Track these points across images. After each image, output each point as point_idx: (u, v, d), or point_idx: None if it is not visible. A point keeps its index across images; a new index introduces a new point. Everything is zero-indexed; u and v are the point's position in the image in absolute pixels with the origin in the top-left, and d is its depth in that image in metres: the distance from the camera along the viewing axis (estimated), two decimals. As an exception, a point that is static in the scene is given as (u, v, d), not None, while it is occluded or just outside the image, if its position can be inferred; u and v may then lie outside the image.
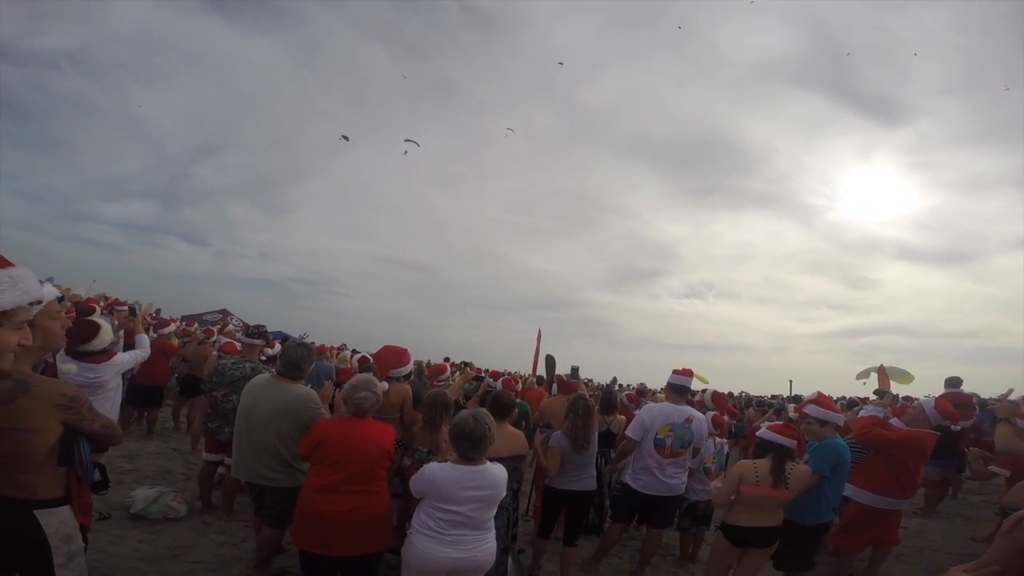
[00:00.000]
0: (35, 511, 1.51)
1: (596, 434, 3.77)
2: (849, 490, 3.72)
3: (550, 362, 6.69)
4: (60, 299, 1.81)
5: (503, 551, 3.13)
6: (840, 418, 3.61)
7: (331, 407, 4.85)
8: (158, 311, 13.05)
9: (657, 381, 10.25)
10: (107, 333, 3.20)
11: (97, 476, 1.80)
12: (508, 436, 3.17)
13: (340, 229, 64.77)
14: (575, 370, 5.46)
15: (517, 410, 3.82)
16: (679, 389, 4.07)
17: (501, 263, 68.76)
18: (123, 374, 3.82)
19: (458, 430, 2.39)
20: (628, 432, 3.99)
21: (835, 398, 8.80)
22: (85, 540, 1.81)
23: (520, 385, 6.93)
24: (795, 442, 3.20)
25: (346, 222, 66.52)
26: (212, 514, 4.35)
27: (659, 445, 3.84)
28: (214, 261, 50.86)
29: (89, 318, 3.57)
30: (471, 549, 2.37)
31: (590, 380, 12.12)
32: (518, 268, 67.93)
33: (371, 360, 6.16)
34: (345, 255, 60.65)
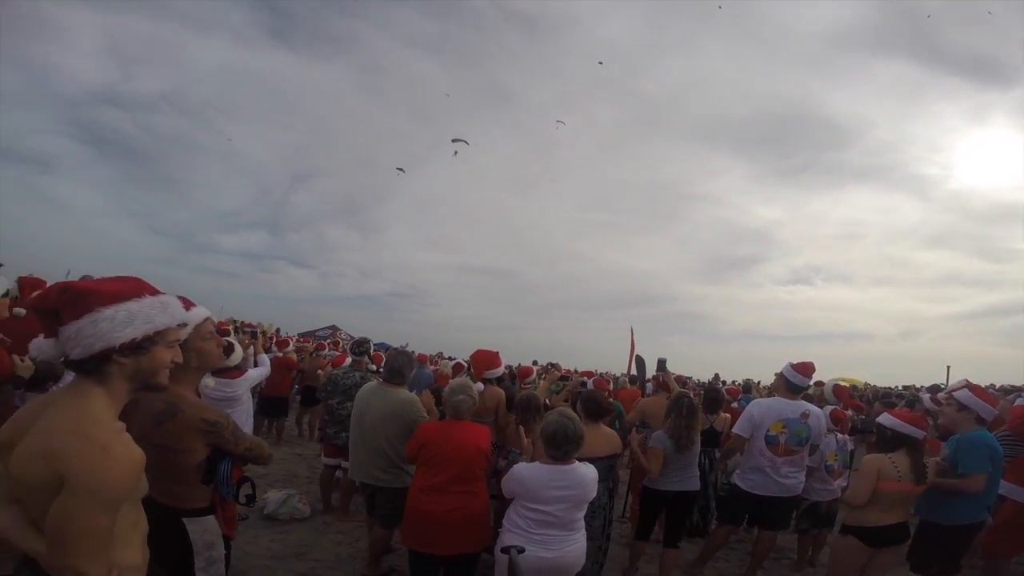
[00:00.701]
0: (183, 519, 1.70)
1: (699, 433, 3.64)
2: (1004, 487, 3.33)
3: (640, 363, 6.55)
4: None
5: (599, 550, 3.13)
6: (990, 411, 3.18)
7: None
8: (277, 330, 14.76)
9: (765, 376, 9.53)
10: (239, 352, 3.66)
11: (248, 490, 1.94)
12: (603, 436, 3.16)
13: (425, 242, 68.21)
14: (662, 363, 5.27)
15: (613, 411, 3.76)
16: (794, 387, 3.77)
17: (582, 263, 67.85)
18: (252, 388, 4.34)
19: (545, 430, 2.41)
20: (736, 429, 3.79)
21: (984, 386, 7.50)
22: (228, 548, 1.93)
23: (612, 385, 6.81)
24: (924, 432, 2.93)
25: (430, 235, 69.90)
26: (331, 514, 4.73)
27: (772, 443, 3.59)
28: (320, 282, 56.02)
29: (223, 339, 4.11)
30: (559, 549, 2.37)
31: (689, 378, 11.54)
32: (600, 266, 66.59)
33: (465, 365, 6.40)
34: (432, 267, 63.77)
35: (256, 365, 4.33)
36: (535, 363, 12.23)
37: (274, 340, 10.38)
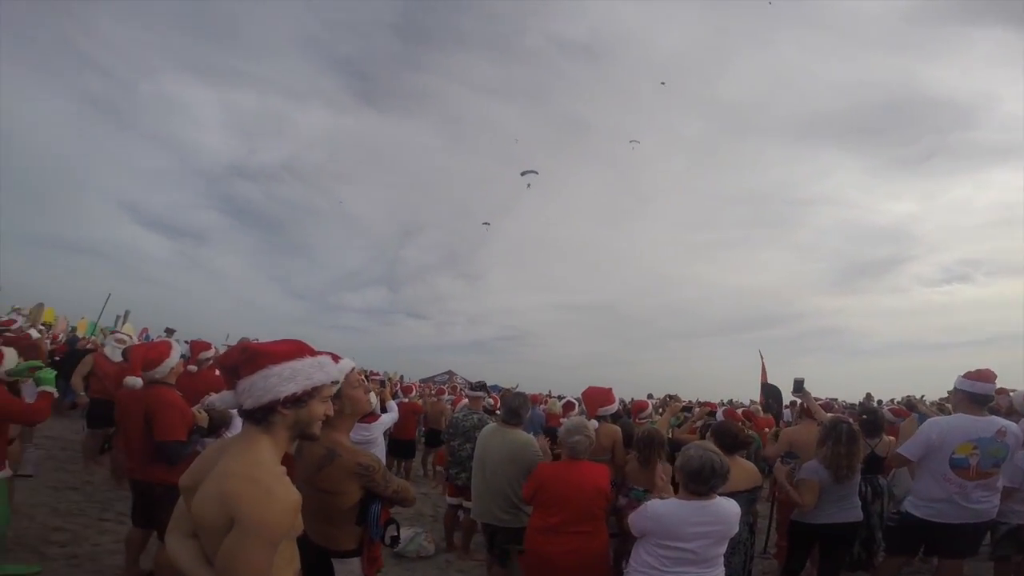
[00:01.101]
0: (333, 559, 1.81)
1: (861, 461, 3.29)
2: None
3: (774, 393, 5.92)
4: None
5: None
6: None
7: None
8: (401, 378, 16.02)
9: (929, 391, 8.02)
10: (373, 398, 4.02)
11: (393, 532, 2.02)
12: (741, 469, 3.02)
13: (525, 284, 69.07)
14: (799, 383, 4.61)
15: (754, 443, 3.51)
16: (979, 398, 3.22)
17: (689, 287, 63.12)
18: (384, 432, 4.71)
19: (689, 464, 2.28)
20: (902, 451, 3.32)
21: None
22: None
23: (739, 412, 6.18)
24: None
25: (528, 276, 70.25)
26: (453, 553, 4.85)
27: (959, 466, 3.11)
28: (435, 331, 59.45)
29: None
30: None
31: (835, 400, 10.18)
32: (712, 289, 61.50)
33: (576, 404, 6.30)
34: (534, 308, 64.35)
35: (385, 411, 4.71)
36: (650, 396, 11.70)
37: (399, 387, 11.29)
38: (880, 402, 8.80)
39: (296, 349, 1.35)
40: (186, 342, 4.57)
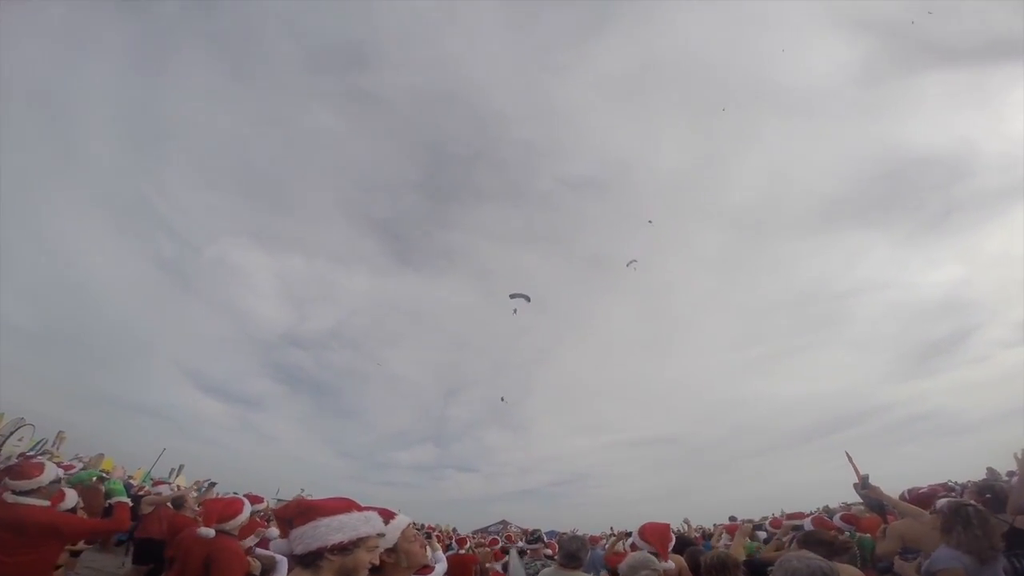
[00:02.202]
0: None
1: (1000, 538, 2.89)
2: None
3: (869, 498, 5.30)
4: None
5: None
6: None
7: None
8: (454, 530, 14.96)
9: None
10: (427, 551, 3.79)
11: None
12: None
13: (574, 428, 66.82)
14: (864, 480, 4.58)
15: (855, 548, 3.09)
16: None
17: (751, 404, 59.23)
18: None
19: None
20: None
21: None
22: None
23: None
24: None
25: (577, 420, 68.17)
26: None
27: None
28: (485, 482, 57.29)
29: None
30: None
31: (954, 483, 8.98)
32: (774, 402, 57.51)
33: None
34: (587, 450, 61.72)
35: (437, 563, 4.48)
36: (733, 519, 10.57)
37: (454, 539, 10.56)
38: (1011, 474, 7.53)
39: (345, 505, 1.53)
40: (244, 496, 4.76)
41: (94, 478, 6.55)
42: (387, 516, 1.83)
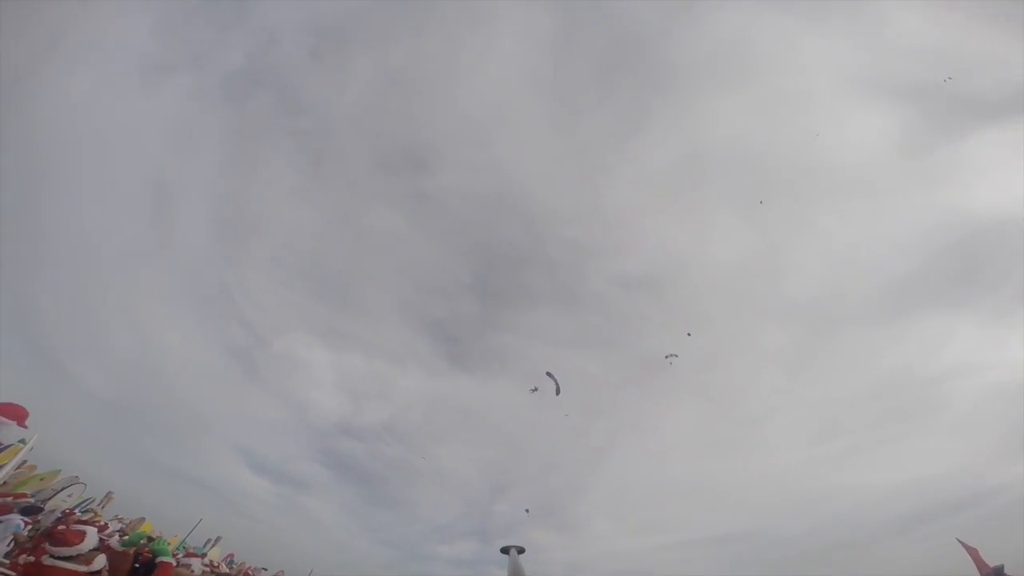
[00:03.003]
0: None
1: None
2: None
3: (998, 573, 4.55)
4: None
5: None
6: None
7: None
8: None
9: None
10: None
11: None
12: None
13: (632, 528, 60.83)
14: (999, 570, 4.63)
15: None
16: None
17: (837, 498, 51.78)
18: None
19: None
20: None
21: None
22: None
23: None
24: None
25: (635, 520, 62.04)
26: None
27: None
28: None
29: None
30: None
31: None
32: (865, 494, 50.30)
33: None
34: (649, 549, 55.78)
35: None
36: None
37: None
38: None
39: None
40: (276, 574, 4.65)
41: (142, 540, 6.69)
42: None
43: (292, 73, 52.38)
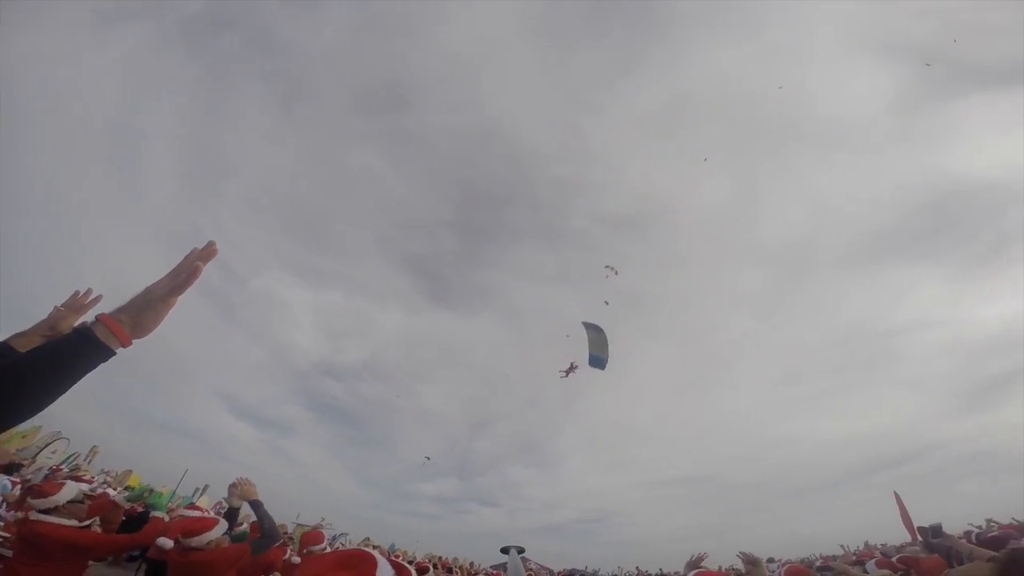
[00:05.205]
0: None
1: None
2: None
3: (937, 530, 4.81)
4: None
5: None
6: None
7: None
8: (472, 563, 14.58)
9: None
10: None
11: None
12: None
13: (604, 466, 64.21)
14: (937, 530, 4.44)
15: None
16: None
17: (791, 444, 55.25)
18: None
19: None
20: None
21: None
22: None
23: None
24: None
25: (609, 459, 65.43)
26: None
27: None
28: (508, 518, 55.74)
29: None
30: None
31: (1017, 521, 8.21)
32: (816, 442, 53.58)
33: None
34: (617, 488, 59.11)
35: None
36: (771, 560, 9.85)
37: (474, 572, 10.18)
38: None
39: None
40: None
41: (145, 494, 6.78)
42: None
43: (262, 14, 49.00)
